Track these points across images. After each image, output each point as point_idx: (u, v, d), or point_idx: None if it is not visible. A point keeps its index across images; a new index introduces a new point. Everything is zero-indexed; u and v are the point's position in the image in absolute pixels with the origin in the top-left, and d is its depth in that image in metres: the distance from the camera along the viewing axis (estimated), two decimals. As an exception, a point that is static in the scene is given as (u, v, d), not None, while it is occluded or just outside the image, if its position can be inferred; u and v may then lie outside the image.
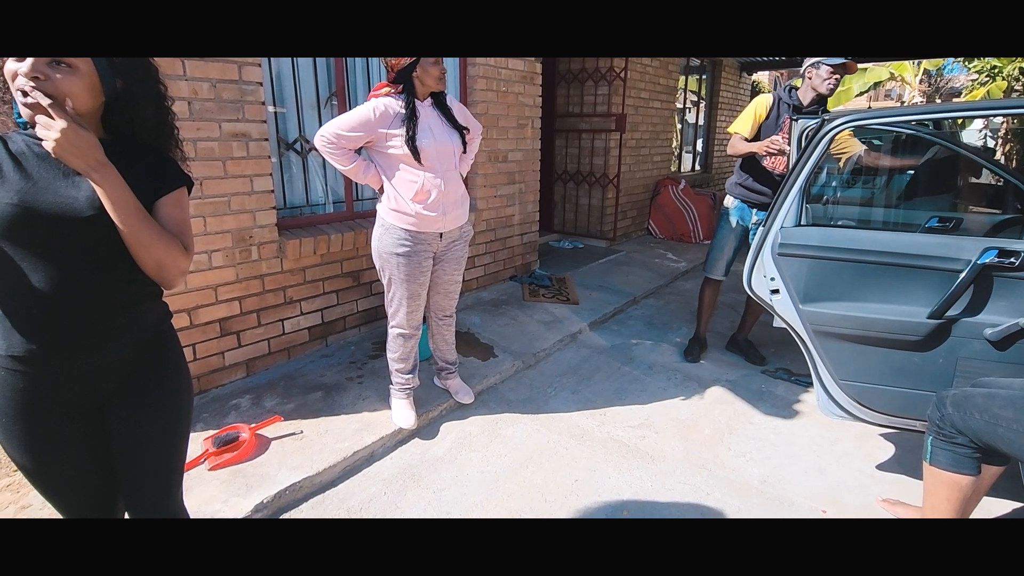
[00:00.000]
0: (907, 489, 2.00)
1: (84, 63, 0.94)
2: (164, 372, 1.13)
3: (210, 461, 1.95)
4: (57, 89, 0.91)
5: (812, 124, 2.27)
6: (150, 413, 1.11)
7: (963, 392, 1.52)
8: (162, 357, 1.13)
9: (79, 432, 1.06)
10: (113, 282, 1.01)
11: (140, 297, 1.07)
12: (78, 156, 0.90)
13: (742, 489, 2.00)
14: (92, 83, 0.96)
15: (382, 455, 2.15)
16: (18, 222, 0.91)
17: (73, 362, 1.00)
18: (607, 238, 5.51)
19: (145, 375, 1.10)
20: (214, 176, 2.30)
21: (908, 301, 1.84)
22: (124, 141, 1.03)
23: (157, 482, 1.15)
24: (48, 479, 1.07)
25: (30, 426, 1.01)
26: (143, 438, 1.10)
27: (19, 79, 0.90)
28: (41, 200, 0.94)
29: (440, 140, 2.02)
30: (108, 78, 0.98)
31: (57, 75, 0.91)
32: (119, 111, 1.01)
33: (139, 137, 1.06)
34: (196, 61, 2.17)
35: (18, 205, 0.92)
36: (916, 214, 2.75)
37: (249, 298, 2.53)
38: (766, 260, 2.02)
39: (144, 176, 1.02)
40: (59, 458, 1.05)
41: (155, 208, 1.04)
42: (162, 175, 1.07)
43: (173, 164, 1.10)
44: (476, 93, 3.50)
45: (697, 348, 3.09)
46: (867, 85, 11.69)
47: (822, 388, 2.01)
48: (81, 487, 1.09)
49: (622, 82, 5.06)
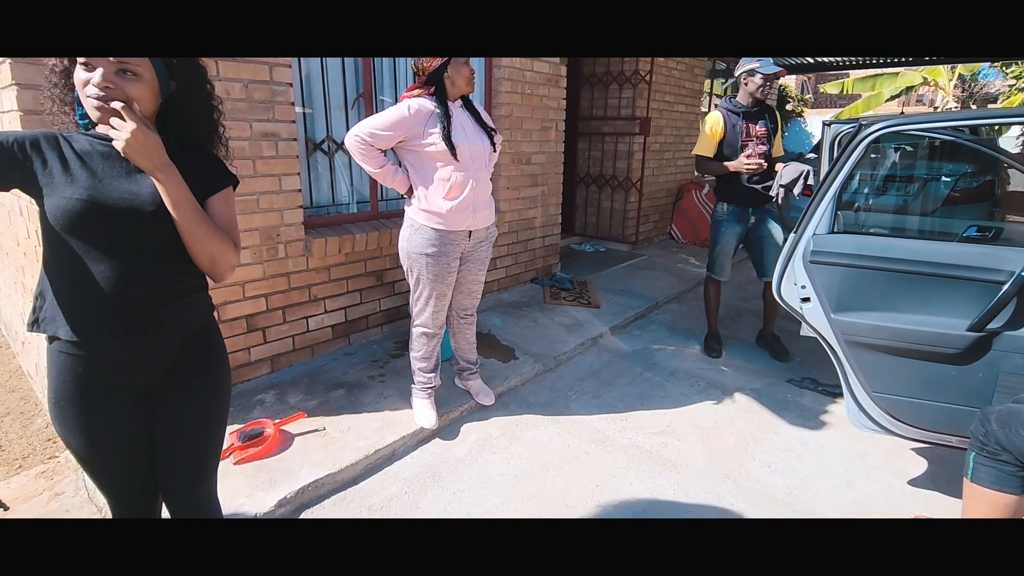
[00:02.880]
0: (941, 506, 1.93)
1: (146, 70, 1.01)
2: (207, 362, 1.19)
3: (235, 455, 1.98)
4: (125, 95, 0.99)
5: (846, 130, 2.22)
6: (193, 400, 1.16)
7: (1008, 408, 1.46)
8: (206, 348, 1.19)
9: (130, 416, 1.12)
10: (169, 274, 1.08)
11: (193, 288, 1.14)
12: (145, 156, 0.98)
13: (767, 501, 1.96)
14: (153, 88, 1.03)
15: (403, 454, 2.15)
16: (86, 216, 0.98)
17: (129, 348, 1.06)
18: (629, 242, 5.46)
19: (190, 364, 1.16)
20: (244, 175, 2.34)
21: (946, 312, 1.78)
22: (178, 140, 1.09)
23: (192, 467, 1.20)
24: (98, 460, 1.12)
25: (86, 408, 1.07)
26: (184, 424, 1.16)
27: (90, 87, 0.98)
28: (107, 196, 1.00)
29: (472, 140, 2.04)
30: (165, 81, 1.05)
31: (124, 83, 0.99)
32: (174, 112, 1.08)
33: (191, 136, 1.12)
34: (229, 62, 2.21)
35: (87, 201, 0.98)
36: (953, 222, 2.67)
37: (275, 295, 2.56)
38: (797, 268, 1.97)
39: (198, 175, 1.09)
40: (110, 440, 1.11)
41: (206, 205, 1.11)
42: (213, 174, 1.14)
43: (221, 164, 1.18)
44: (501, 95, 3.50)
45: (716, 343, 3.19)
46: (898, 90, 11.42)
47: (853, 400, 1.96)
48: (128, 468, 1.15)
49: (647, 85, 5.02)
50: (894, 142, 3.30)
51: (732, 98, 2.94)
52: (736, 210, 2.95)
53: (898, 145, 3.56)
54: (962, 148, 2.95)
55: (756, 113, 2.89)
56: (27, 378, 2.82)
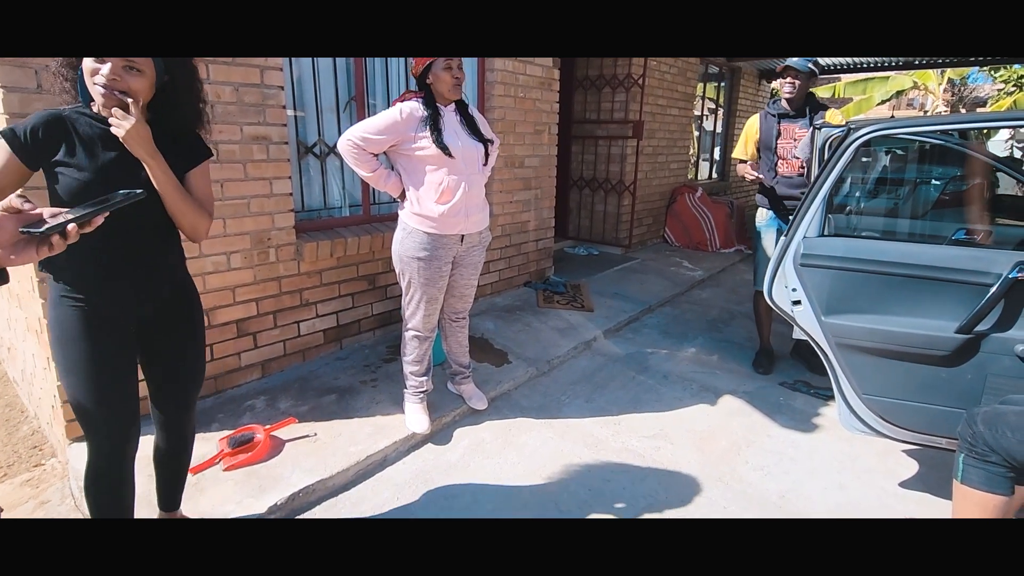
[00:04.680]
0: (932, 508, 1.94)
1: (148, 67, 1.19)
2: (187, 307, 1.44)
3: (225, 461, 1.96)
4: (129, 87, 1.18)
5: (836, 133, 2.23)
6: (179, 337, 1.42)
7: (995, 410, 1.47)
8: (185, 296, 1.44)
9: (121, 354, 1.33)
10: (157, 238, 1.32)
11: (175, 248, 1.39)
12: (140, 145, 1.19)
13: (760, 504, 1.96)
14: (152, 81, 1.22)
15: (395, 459, 2.14)
16: (91, 190, 1.15)
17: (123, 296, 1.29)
18: (623, 245, 5.47)
19: (173, 309, 1.40)
20: (235, 178, 2.33)
21: (935, 315, 1.79)
22: (165, 121, 1.28)
23: (180, 393, 1.47)
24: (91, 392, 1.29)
25: (84, 344, 1.26)
26: (173, 357, 1.43)
27: (99, 76, 1.15)
28: (110, 174, 1.20)
29: (465, 144, 2.04)
30: (160, 75, 1.23)
31: (129, 76, 1.17)
32: (164, 100, 1.27)
33: (179, 120, 1.30)
34: (219, 65, 2.20)
35: (93, 179, 1.18)
36: (942, 226, 2.69)
37: (266, 300, 2.54)
38: (788, 270, 1.98)
39: (179, 150, 1.30)
40: (105, 373, 1.30)
41: (187, 178, 1.33)
42: (193, 150, 1.34)
43: (201, 140, 1.37)
44: (494, 99, 3.51)
45: (765, 359, 3.03)
46: (889, 94, 11.52)
47: (844, 402, 1.96)
48: (116, 401, 1.33)
49: (640, 89, 5.04)
50: (884, 146, 3.32)
51: (777, 101, 2.91)
52: (776, 217, 2.86)
53: (888, 149, 3.59)
54: (951, 152, 2.97)
55: (797, 115, 2.81)
56: (13, 384, 2.78)
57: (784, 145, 2.84)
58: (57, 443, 2.18)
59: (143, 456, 1.56)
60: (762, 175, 2.86)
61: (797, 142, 2.78)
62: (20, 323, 2.34)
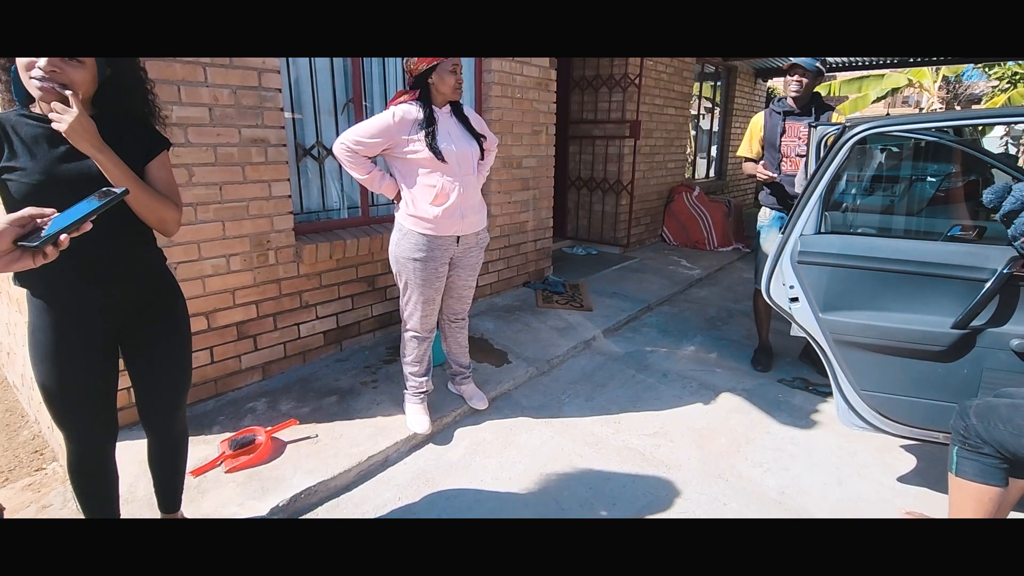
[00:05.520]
0: (930, 502, 1.95)
1: (89, 58, 1.15)
2: (168, 305, 1.40)
3: (227, 463, 1.96)
4: (69, 79, 1.13)
5: (831, 131, 2.25)
6: (161, 337, 1.39)
7: (987, 402, 1.48)
8: (165, 293, 1.40)
9: (97, 357, 1.31)
10: (120, 234, 1.26)
11: (141, 243, 1.34)
12: (84, 139, 1.14)
13: (760, 500, 1.97)
14: (93, 73, 1.18)
15: (396, 460, 2.15)
16: (44, 193, 1.13)
17: (94, 297, 1.26)
18: (621, 245, 5.49)
19: (153, 308, 1.37)
20: (233, 181, 2.33)
21: (931, 311, 1.80)
22: (112, 114, 1.25)
23: (167, 395, 1.44)
24: (67, 396, 1.28)
25: (59, 349, 1.25)
26: (159, 357, 1.39)
27: (35, 70, 1.10)
28: (59, 174, 1.17)
29: (459, 145, 2.04)
30: (103, 68, 1.21)
31: (69, 68, 1.13)
32: (109, 93, 1.24)
33: (127, 111, 1.27)
34: (217, 68, 2.21)
35: (43, 176, 1.14)
36: (937, 222, 2.71)
37: (266, 302, 2.55)
38: (785, 268, 1.99)
39: (133, 143, 1.26)
40: (80, 377, 1.29)
41: (146, 171, 1.29)
42: (148, 142, 1.30)
43: (155, 130, 1.33)
44: (491, 100, 3.52)
45: (764, 357, 3.05)
46: (884, 91, 11.56)
47: (842, 398, 1.98)
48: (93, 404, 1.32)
49: (636, 88, 5.06)
50: (880, 143, 3.34)
51: (782, 99, 2.91)
52: (778, 216, 2.84)
53: (884, 146, 3.61)
54: (947, 149, 2.98)
55: (802, 113, 2.81)
56: (13, 389, 2.78)
57: (788, 143, 2.83)
58: (58, 447, 2.19)
59: (143, 459, 1.57)
60: (774, 173, 2.82)
61: (802, 140, 2.78)
62: (19, 328, 2.34)
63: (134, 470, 1.88)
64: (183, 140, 2.15)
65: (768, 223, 2.90)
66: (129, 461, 1.89)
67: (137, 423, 2.08)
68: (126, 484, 1.66)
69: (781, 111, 2.86)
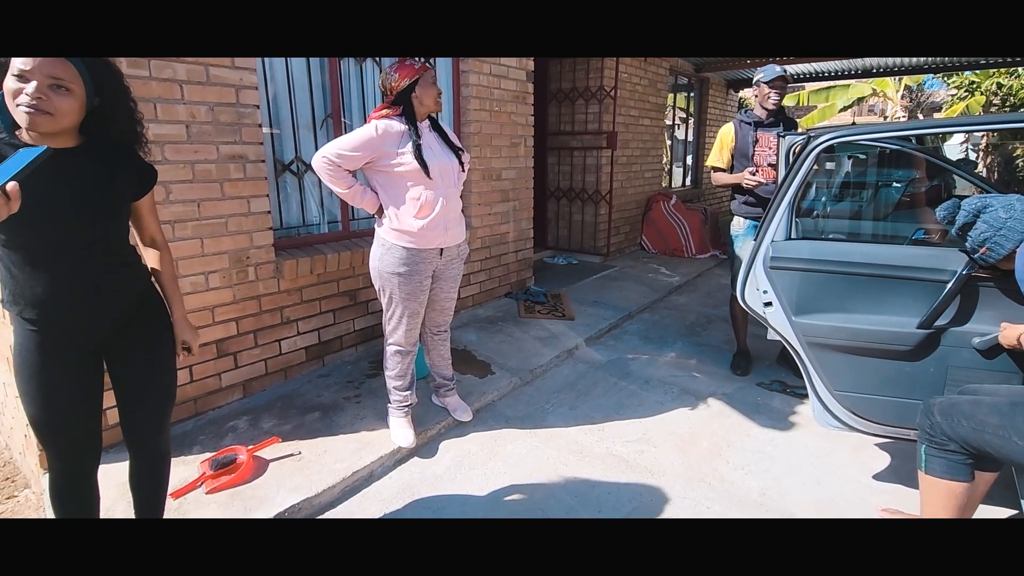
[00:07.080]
0: (904, 499, 2.01)
1: (77, 86, 1.15)
2: (152, 322, 1.42)
3: (207, 484, 1.93)
4: (55, 107, 1.12)
5: (799, 141, 2.33)
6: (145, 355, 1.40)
7: (949, 400, 1.54)
8: (148, 311, 1.41)
9: (82, 377, 1.32)
10: (103, 257, 1.27)
11: (125, 264, 1.35)
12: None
13: (742, 502, 2.01)
14: (81, 102, 1.17)
15: (381, 475, 2.14)
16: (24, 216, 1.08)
17: (79, 318, 1.27)
18: (601, 254, 5.55)
19: (137, 326, 1.37)
20: (212, 198, 2.32)
21: (898, 312, 1.87)
22: (100, 143, 1.25)
23: (153, 414, 1.44)
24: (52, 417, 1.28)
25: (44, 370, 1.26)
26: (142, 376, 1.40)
27: (22, 96, 1.09)
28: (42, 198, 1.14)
29: (441, 159, 2.07)
30: (91, 97, 1.20)
31: (56, 96, 1.12)
32: (96, 121, 1.24)
33: (113, 138, 1.27)
34: (194, 86, 2.20)
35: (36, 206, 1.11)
36: (902, 226, 2.81)
37: (246, 319, 2.53)
38: (758, 273, 2.05)
39: (132, 177, 1.31)
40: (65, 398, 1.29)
41: (138, 205, 1.37)
42: (142, 176, 1.35)
43: (148, 166, 1.37)
44: (470, 113, 3.56)
45: (743, 361, 3.10)
46: (850, 100, 11.96)
47: (817, 399, 2.03)
48: (78, 426, 1.32)
49: (612, 100, 5.16)
50: (846, 151, 3.46)
51: (750, 110, 2.97)
52: (753, 224, 2.87)
53: (851, 154, 3.73)
54: (909, 156, 3.11)
55: (772, 124, 2.87)
56: (-17, 414, 2.70)
57: (761, 153, 2.87)
58: (31, 473, 2.12)
59: (122, 482, 1.54)
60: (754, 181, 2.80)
61: (773, 150, 2.82)
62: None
63: (112, 493, 1.84)
64: (160, 158, 2.13)
65: (743, 232, 2.95)
66: (107, 485, 1.84)
67: (115, 445, 2.04)
68: (104, 507, 1.62)
69: (751, 121, 2.91)
